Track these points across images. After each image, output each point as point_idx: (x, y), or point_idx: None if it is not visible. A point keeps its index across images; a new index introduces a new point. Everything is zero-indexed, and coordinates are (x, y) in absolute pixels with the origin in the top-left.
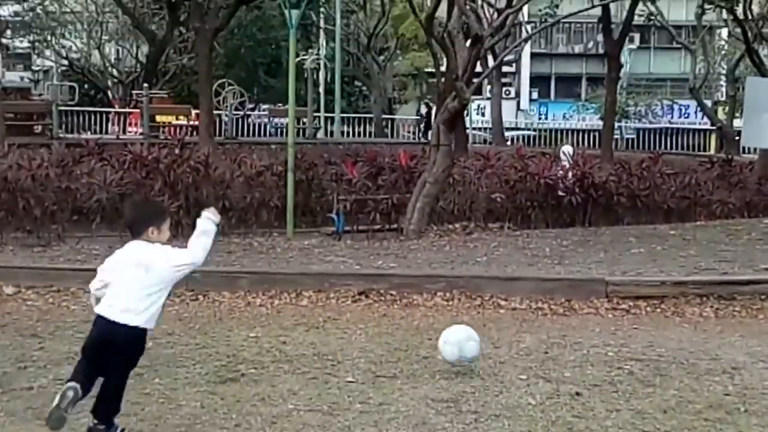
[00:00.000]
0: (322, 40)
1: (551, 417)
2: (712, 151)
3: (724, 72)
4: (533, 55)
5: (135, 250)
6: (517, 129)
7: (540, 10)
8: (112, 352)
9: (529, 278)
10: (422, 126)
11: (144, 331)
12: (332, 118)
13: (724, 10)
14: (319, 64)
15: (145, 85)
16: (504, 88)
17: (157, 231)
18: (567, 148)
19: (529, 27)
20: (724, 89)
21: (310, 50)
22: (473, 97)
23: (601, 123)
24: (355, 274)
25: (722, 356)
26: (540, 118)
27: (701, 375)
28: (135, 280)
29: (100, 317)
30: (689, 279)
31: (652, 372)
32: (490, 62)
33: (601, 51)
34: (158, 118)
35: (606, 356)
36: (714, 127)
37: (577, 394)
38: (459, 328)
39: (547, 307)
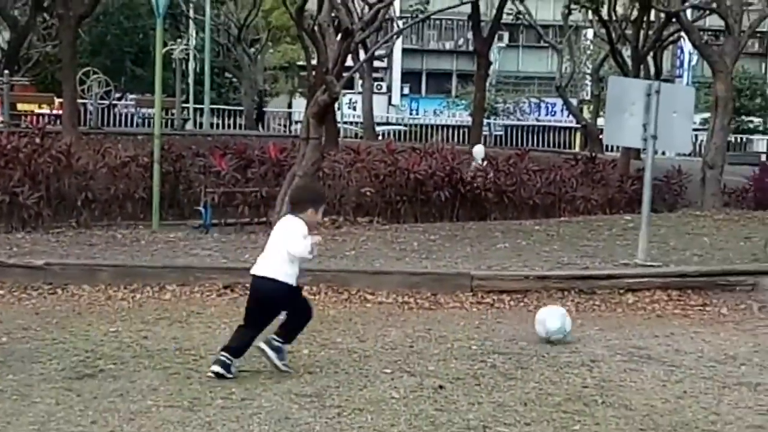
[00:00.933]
0: (192, 30)
1: (414, 410)
2: (577, 149)
3: (589, 71)
4: (405, 51)
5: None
6: (389, 124)
7: (411, 6)
8: None
9: (396, 272)
10: (254, 116)
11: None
12: (201, 110)
13: (589, 11)
14: (188, 54)
15: (6, 72)
16: (376, 83)
17: (314, 212)
18: (479, 149)
19: (400, 22)
20: (589, 88)
21: (179, 40)
22: (345, 91)
23: (470, 119)
24: (220, 268)
25: (582, 349)
26: (411, 113)
27: (561, 368)
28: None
29: None
30: (552, 273)
31: (514, 365)
32: (362, 56)
33: (471, 48)
34: (20, 106)
35: (470, 350)
36: (579, 126)
37: (441, 387)
38: (543, 309)
39: (413, 301)
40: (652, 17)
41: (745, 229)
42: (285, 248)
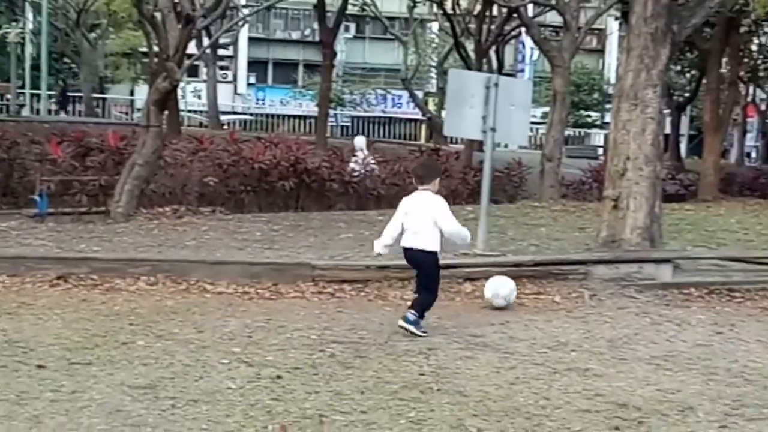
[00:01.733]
0: (29, 14)
1: (250, 401)
2: (422, 141)
3: (434, 64)
4: (251, 40)
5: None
6: (234, 113)
7: None
8: None
9: (237, 262)
10: (57, 103)
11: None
12: (38, 95)
13: (434, 4)
14: (24, 38)
15: None
16: (221, 72)
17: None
18: (360, 140)
19: (245, 10)
20: (434, 81)
21: (14, 23)
22: (189, 79)
23: (317, 110)
24: (53, 258)
25: (420, 338)
26: (257, 103)
27: (399, 356)
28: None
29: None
30: (392, 263)
31: (353, 354)
32: (206, 44)
33: (317, 38)
34: None
35: (309, 339)
36: (424, 118)
37: (278, 377)
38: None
39: (253, 291)
40: (495, 12)
41: (580, 220)
42: (439, 225)
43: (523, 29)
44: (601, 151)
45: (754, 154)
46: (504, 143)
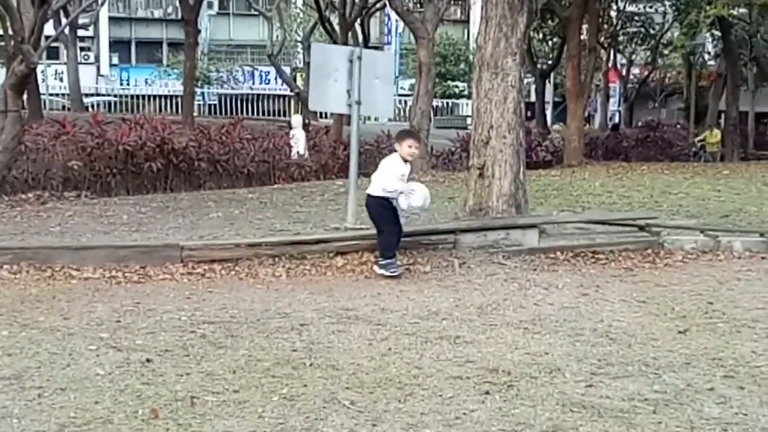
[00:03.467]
0: None
1: (120, 386)
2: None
3: (300, 39)
4: (112, 19)
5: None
6: (98, 95)
7: None
8: None
9: (103, 246)
10: None
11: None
12: None
13: None
14: None
15: None
16: (83, 53)
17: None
18: (297, 119)
19: None
20: (301, 56)
21: None
22: (49, 61)
23: (183, 89)
24: None
25: (292, 314)
26: (122, 84)
27: (271, 333)
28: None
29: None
30: (263, 241)
31: (224, 334)
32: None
33: (180, 16)
34: None
35: (179, 321)
36: (292, 93)
37: (148, 360)
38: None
39: (121, 275)
40: None
41: (450, 190)
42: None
43: (387, 1)
44: (469, 120)
45: (617, 119)
46: (373, 117)
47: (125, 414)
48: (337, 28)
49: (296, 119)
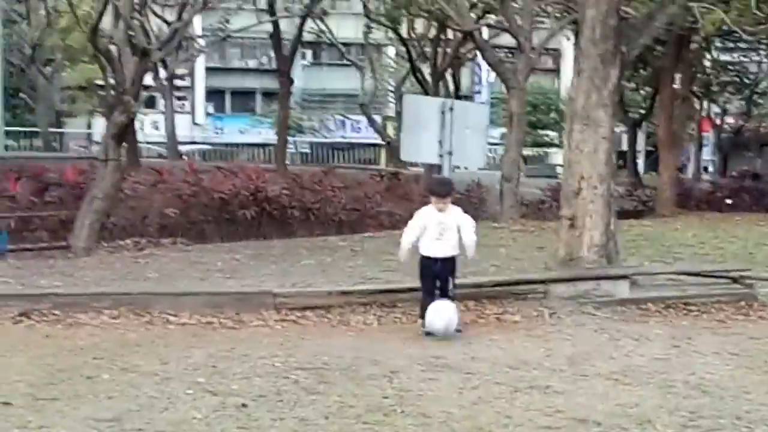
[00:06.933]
0: None
1: (216, 430)
2: (383, 165)
3: (392, 89)
4: (208, 70)
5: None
6: (193, 143)
7: (212, 24)
8: None
9: (199, 293)
10: None
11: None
12: None
13: (389, 30)
14: None
15: None
16: (179, 102)
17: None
18: None
19: (201, 41)
20: (392, 105)
21: None
22: (146, 110)
23: (276, 137)
24: (15, 295)
25: (383, 361)
26: (216, 133)
27: (362, 380)
28: None
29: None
30: (354, 288)
31: (317, 380)
32: (162, 75)
33: (274, 66)
34: None
35: (273, 367)
36: (384, 142)
37: (243, 405)
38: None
39: (216, 321)
40: (450, 35)
41: (539, 240)
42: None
43: (478, 52)
44: (559, 169)
45: (711, 168)
46: (463, 165)
47: None
48: (428, 77)
49: None
